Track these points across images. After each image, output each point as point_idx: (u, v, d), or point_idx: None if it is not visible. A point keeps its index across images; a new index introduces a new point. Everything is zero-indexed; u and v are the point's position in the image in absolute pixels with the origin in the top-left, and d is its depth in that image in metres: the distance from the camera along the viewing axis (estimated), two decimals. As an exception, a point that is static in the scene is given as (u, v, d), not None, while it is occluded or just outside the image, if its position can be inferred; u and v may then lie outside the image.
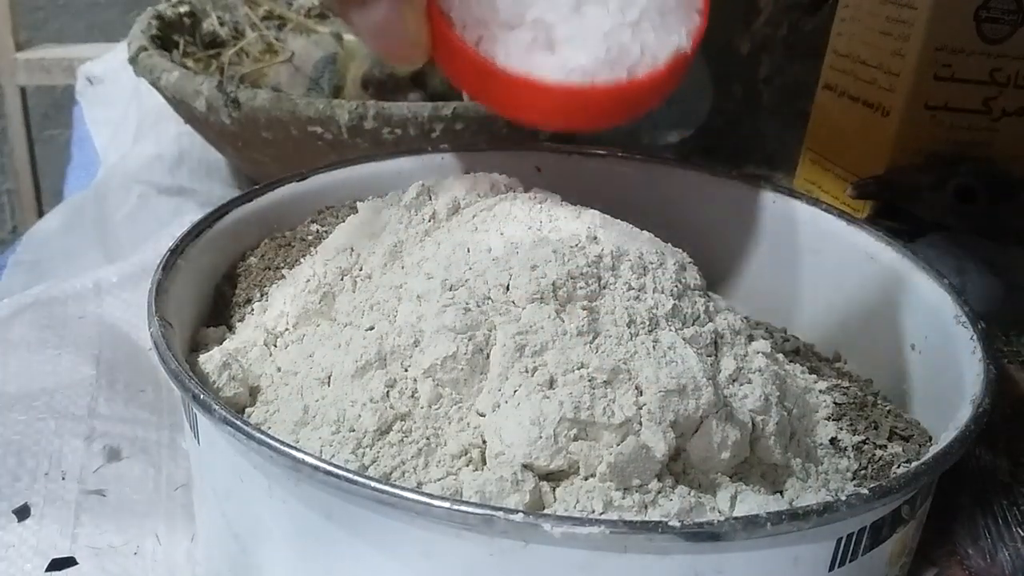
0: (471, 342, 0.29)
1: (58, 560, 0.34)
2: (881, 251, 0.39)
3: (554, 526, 0.24)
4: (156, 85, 0.57)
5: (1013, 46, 0.50)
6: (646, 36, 0.32)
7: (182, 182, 0.65)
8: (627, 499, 0.27)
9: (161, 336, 0.30)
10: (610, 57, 0.31)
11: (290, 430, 0.29)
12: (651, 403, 0.28)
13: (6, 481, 0.37)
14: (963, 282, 0.46)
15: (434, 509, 0.24)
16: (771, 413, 0.31)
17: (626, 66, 0.32)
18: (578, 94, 0.31)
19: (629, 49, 0.32)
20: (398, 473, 0.28)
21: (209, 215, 0.38)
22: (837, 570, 0.27)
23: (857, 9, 0.53)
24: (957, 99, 0.51)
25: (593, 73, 0.31)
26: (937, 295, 0.36)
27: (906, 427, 0.35)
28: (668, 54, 0.32)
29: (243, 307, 0.36)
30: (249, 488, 0.28)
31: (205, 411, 0.27)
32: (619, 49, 0.32)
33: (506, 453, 0.27)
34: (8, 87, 1.18)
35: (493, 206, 0.35)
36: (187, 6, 0.69)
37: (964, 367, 0.33)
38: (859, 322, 0.40)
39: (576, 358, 0.29)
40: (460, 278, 0.31)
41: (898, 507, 0.28)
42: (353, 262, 0.34)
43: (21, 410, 0.40)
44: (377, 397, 0.29)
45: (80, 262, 0.55)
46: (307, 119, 0.51)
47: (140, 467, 0.39)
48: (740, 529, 0.25)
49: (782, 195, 0.43)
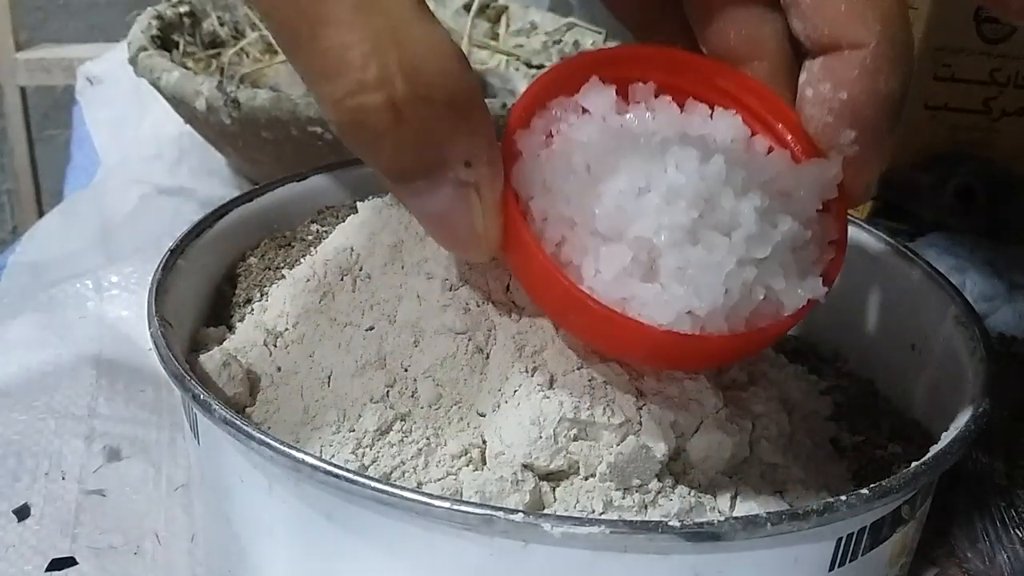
0: (471, 342, 0.29)
1: (58, 560, 0.34)
2: (881, 251, 0.39)
3: (554, 526, 0.24)
4: (156, 85, 0.57)
5: (1013, 46, 0.50)
6: (774, 279, 0.25)
7: (182, 182, 0.65)
8: (627, 499, 0.27)
9: (161, 336, 0.30)
10: (728, 304, 0.25)
11: (290, 430, 0.29)
12: (651, 403, 0.28)
13: (6, 481, 0.37)
14: (963, 282, 0.46)
15: (434, 509, 0.24)
16: (771, 413, 0.31)
17: (745, 315, 0.25)
18: (684, 342, 0.25)
19: (752, 294, 0.25)
20: (398, 473, 0.28)
21: (209, 215, 0.38)
22: (837, 570, 0.27)
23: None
24: (957, 99, 0.51)
25: (705, 320, 0.25)
26: (937, 295, 0.36)
27: (906, 427, 0.35)
28: (797, 304, 0.26)
29: (243, 307, 0.36)
30: (249, 488, 0.28)
31: (205, 411, 0.27)
32: (740, 294, 0.25)
33: (506, 453, 0.27)
34: (8, 87, 1.18)
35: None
36: (187, 6, 0.69)
37: (964, 367, 0.33)
38: (859, 322, 0.40)
39: (576, 358, 0.29)
40: (460, 278, 0.31)
41: (898, 507, 0.28)
42: (353, 262, 0.34)
43: (21, 410, 0.40)
44: (377, 397, 0.29)
45: (80, 262, 0.55)
46: (307, 119, 0.51)
47: (140, 467, 0.39)
48: (740, 529, 0.25)
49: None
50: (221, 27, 0.70)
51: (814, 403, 0.35)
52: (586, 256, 0.25)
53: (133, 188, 0.64)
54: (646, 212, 0.25)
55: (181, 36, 0.67)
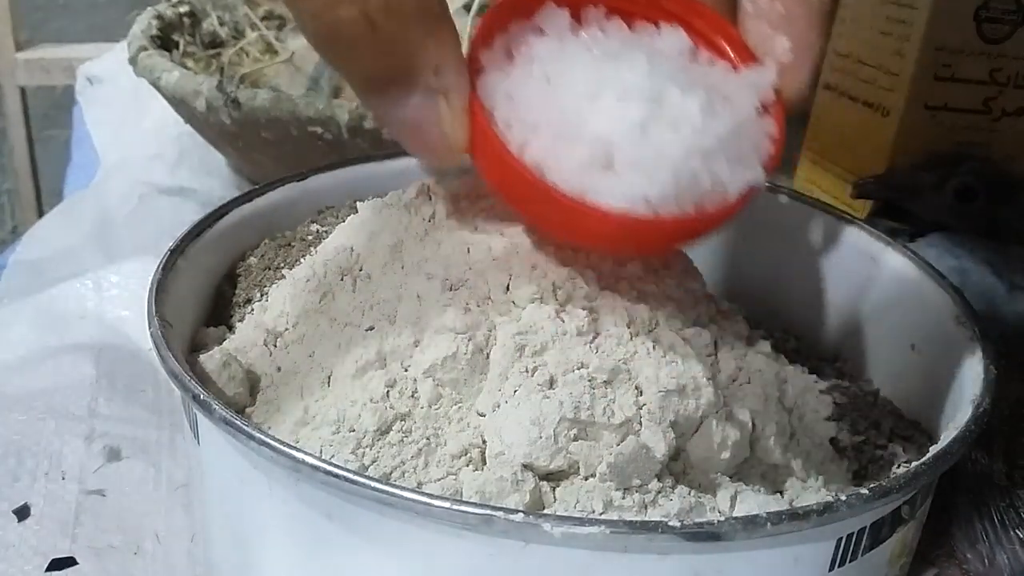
0: (471, 342, 0.29)
1: (58, 560, 0.34)
2: (881, 251, 0.39)
3: (554, 526, 0.24)
4: (156, 85, 0.57)
5: (1013, 46, 0.50)
6: (719, 167, 0.28)
7: (182, 182, 0.65)
8: (627, 499, 0.27)
9: (161, 336, 0.30)
10: (679, 189, 0.27)
11: (290, 430, 0.29)
12: (651, 403, 0.28)
13: (6, 481, 0.37)
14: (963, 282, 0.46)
15: (434, 509, 0.24)
16: (771, 413, 0.31)
17: (694, 199, 0.28)
18: (640, 225, 0.27)
19: (699, 180, 0.28)
20: (398, 473, 0.28)
21: (209, 215, 0.38)
22: (837, 570, 0.27)
23: (857, 9, 0.53)
24: (957, 99, 0.51)
25: (658, 204, 0.27)
26: (937, 295, 0.36)
27: (906, 427, 0.35)
28: (740, 188, 0.28)
29: (243, 307, 0.36)
30: (249, 488, 0.28)
31: (205, 411, 0.27)
32: (689, 180, 0.27)
33: (506, 453, 0.27)
34: (8, 87, 1.18)
35: (493, 206, 0.35)
36: (187, 6, 0.69)
37: (964, 367, 0.33)
38: (859, 322, 0.40)
39: (576, 358, 0.29)
40: (460, 278, 0.31)
41: (898, 507, 0.28)
42: (353, 262, 0.34)
43: (21, 410, 0.40)
44: (377, 397, 0.29)
45: (80, 262, 0.55)
46: (307, 119, 0.51)
47: (140, 467, 0.39)
48: (740, 529, 0.25)
49: (782, 195, 0.43)
50: (221, 27, 0.70)
51: (814, 403, 0.35)
52: (549, 156, 0.28)
53: (133, 188, 0.64)
54: (601, 111, 0.28)
55: (181, 36, 0.67)
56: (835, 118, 0.55)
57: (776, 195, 0.43)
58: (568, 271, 0.30)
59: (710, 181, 0.28)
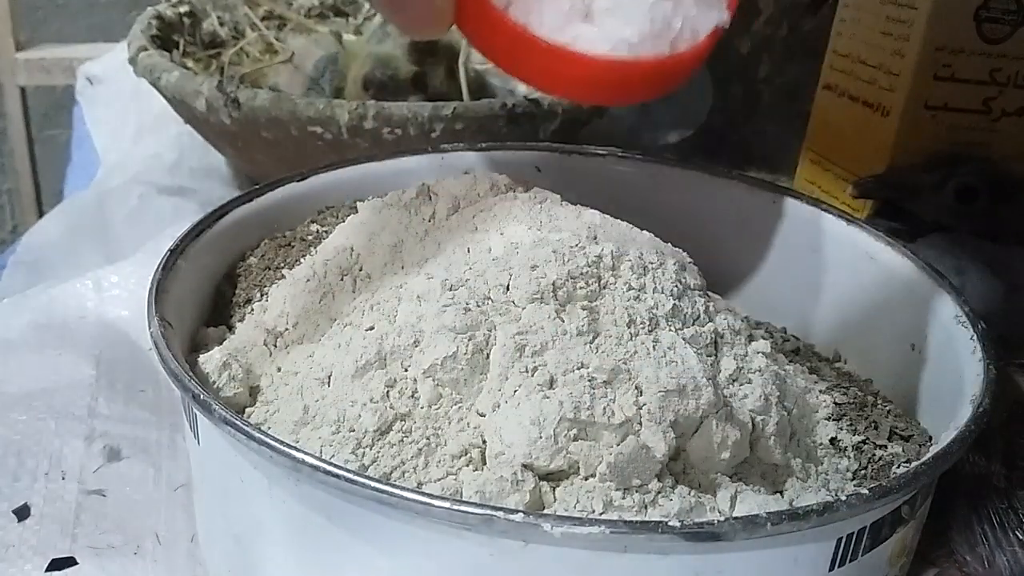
0: (471, 342, 0.29)
1: (58, 560, 0.34)
2: (881, 251, 0.39)
3: (554, 526, 0.24)
4: (156, 85, 0.57)
5: (1013, 46, 0.50)
6: (688, 9, 0.31)
7: (182, 182, 0.65)
8: (627, 499, 0.27)
9: (161, 336, 0.30)
10: (654, 30, 0.30)
11: (290, 430, 0.29)
12: (651, 403, 0.28)
13: (6, 481, 0.37)
14: (963, 282, 0.46)
15: (434, 509, 0.24)
16: (771, 413, 0.31)
17: (668, 40, 0.31)
18: (621, 67, 0.30)
19: (672, 22, 0.31)
20: (398, 473, 0.28)
21: (209, 215, 0.38)
22: (837, 570, 0.27)
23: (857, 9, 0.53)
24: (957, 99, 0.51)
25: (637, 47, 0.30)
26: (937, 295, 0.36)
27: (906, 427, 0.35)
28: (708, 28, 0.31)
29: (243, 307, 0.36)
30: (249, 488, 0.28)
31: (205, 411, 0.27)
32: (663, 22, 0.30)
33: (506, 453, 0.27)
34: (8, 87, 1.18)
35: (493, 206, 0.35)
36: (187, 6, 0.69)
37: (964, 367, 0.33)
38: (859, 322, 0.40)
39: (576, 358, 0.29)
40: (460, 278, 0.31)
41: (898, 507, 0.28)
42: (353, 262, 0.34)
43: (21, 410, 0.40)
44: (377, 397, 0.29)
45: (80, 262, 0.55)
46: (307, 119, 0.51)
47: (140, 467, 0.39)
48: (740, 529, 0.25)
49: (782, 195, 0.43)
50: (221, 27, 0.70)
51: (814, 403, 0.35)
52: (532, 11, 0.30)
53: (133, 188, 0.64)
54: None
55: (181, 36, 0.67)
56: (835, 118, 0.55)
57: (776, 195, 0.43)
58: (568, 271, 0.30)
59: (680, 22, 0.31)
